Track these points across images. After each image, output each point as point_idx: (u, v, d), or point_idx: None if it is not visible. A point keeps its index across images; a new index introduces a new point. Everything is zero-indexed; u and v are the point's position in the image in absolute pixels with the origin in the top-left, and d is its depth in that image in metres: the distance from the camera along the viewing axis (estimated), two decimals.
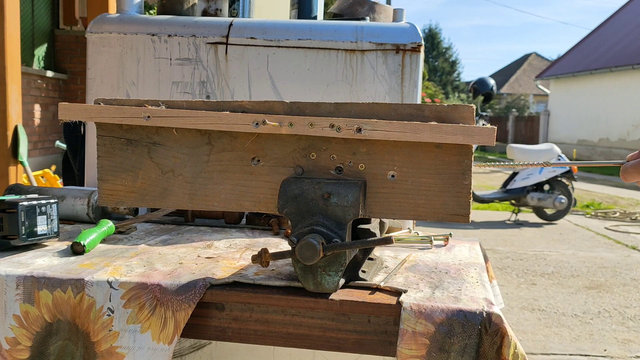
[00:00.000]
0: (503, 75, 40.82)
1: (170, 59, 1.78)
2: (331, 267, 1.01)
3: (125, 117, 1.07)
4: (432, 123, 0.98)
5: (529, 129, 25.31)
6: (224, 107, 1.05)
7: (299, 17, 2.07)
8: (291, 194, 1.02)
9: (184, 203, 1.10)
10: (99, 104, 1.09)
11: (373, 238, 1.06)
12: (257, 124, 1.02)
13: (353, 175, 1.04)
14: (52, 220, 1.31)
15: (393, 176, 1.03)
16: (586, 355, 3.54)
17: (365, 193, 1.04)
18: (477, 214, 8.54)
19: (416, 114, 1.01)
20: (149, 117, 1.06)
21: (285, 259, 1.04)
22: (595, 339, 3.80)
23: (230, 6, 2.01)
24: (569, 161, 8.24)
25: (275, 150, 1.06)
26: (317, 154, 1.05)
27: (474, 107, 1.00)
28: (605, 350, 3.62)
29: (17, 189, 1.58)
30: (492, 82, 10.67)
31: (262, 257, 1.03)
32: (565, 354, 3.54)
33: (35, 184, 4.36)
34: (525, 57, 42.36)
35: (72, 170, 2.23)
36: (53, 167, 5.10)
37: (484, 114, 10.12)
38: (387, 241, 0.99)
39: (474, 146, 1.03)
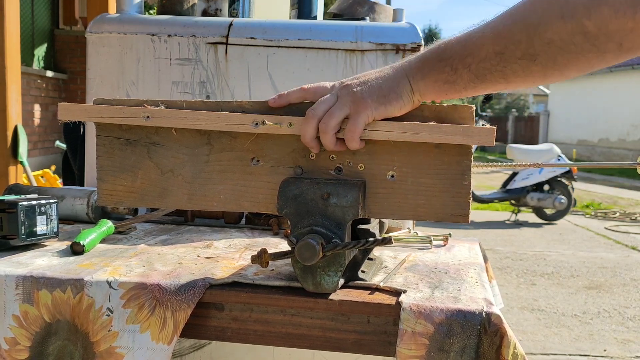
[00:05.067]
0: None
1: (170, 59, 1.78)
2: (330, 268, 1.01)
3: (124, 117, 1.07)
4: (432, 123, 0.98)
5: (528, 129, 25.32)
6: (224, 107, 1.05)
7: (299, 17, 2.07)
8: (290, 194, 1.02)
9: (183, 203, 1.10)
10: (99, 104, 1.09)
11: (372, 238, 1.06)
12: (256, 124, 1.02)
13: (352, 176, 1.04)
14: (51, 220, 1.31)
15: (392, 176, 1.03)
16: (586, 356, 3.54)
17: (365, 193, 1.04)
18: (477, 214, 8.55)
19: (415, 114, 1.01)
20: (148, 117, 1.06)
21: (284, 259, 1.03)
22: (595, 339, 3.81)
23: (230, 6, 2.01)
24: (569, 161, 8.22)
25: (274, 150, 1.06)
26: (317, 154, 1.05)
27: (474, 108, 1.00)
28: (605, 350, 3.62)
29: (17, 189, 1.57)
30: None
31: (261, 258, 1.03)
32: (565, 354, 3.54)
33: (35, 184, 4.36)
34: None
35: (72, 170, 2.23)
36: (53, 167, 5.10)
37: (484, 114, 10.13)
38: (386, 241, 0.99)
39: (474, 146, 1.03)
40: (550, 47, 0.86)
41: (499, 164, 1.26)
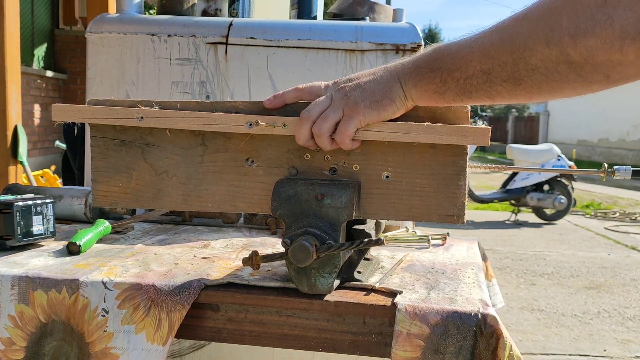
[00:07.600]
0: None
1: (170, 59, 1.78)
2: (325, 269, 1.00)
3: (118, 118, 1.06)
4: (426, 124, 0.98)
5: (528, 129, 25.30)
6: (218, 107, 1.05)
7: (299, 17, 2.07)
8: (285, 195, 1.01)
9: (178, 204, 1.10)
10: (93, 104, 1.08)
11: (366, 239, 1.06)
12: (250, 124, 1.02)
13: (347, 176, 1.04)
14: (48, 220, 1.31)
15: (387, 177, 1.03)
16: (586, 356, 3.54)
17: (360, 194, 1.03)
18: (477, 214, 8.53)
19: (410, 114, 1.00)
20: (142, 118, 1.05)
21: (276, 261, 1.03)
22: (594, 339, 3.80)
23: (230, 6, 2.01)
24: (569, 161, 8.21)
25: (269, 151, 1.06)
26: (311, 154, 1.04)
27: (469, 108, 1.00)
28: (604, 350, 3.62)
29: (15, 189, 1.57)
30: None
31: (252, 260, 1.03)
32: (565, 354, 3.54)
33: (34, 184, 4.36)
34: None
35: (71, 170, 2.23)
36: (53, 167, 5.10)
37: (484, 114, 10.12)
38: (379, 242, 0.99)
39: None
40: (535, 73, 0.84)
41: (488, 165, 1.26)
